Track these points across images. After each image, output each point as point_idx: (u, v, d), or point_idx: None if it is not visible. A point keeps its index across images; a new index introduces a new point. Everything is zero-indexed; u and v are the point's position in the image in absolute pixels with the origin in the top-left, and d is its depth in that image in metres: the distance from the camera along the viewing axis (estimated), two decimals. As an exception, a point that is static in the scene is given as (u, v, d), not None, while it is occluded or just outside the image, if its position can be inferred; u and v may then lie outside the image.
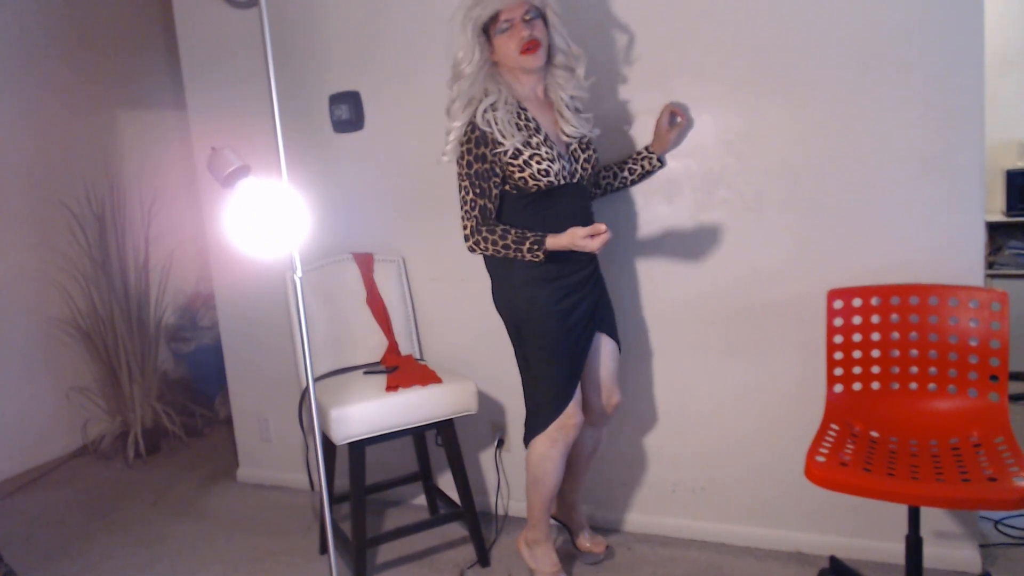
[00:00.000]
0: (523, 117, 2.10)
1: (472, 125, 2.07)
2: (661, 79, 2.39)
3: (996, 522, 2.47)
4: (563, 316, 2.12)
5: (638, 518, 2.65)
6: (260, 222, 2.00)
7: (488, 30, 2.07)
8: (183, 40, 3.17)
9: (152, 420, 3.81)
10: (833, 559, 2.33)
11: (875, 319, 2.16)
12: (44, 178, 3.80)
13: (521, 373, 2.26)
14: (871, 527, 2.33)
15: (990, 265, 3.80)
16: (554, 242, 2.04)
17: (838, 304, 2.18)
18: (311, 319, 2.59)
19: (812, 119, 2.25)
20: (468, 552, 2.61)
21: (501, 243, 2.07)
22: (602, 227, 1.97)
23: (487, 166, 2.07)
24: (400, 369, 2.61)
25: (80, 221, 3.79)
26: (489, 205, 2.10)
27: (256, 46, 2.86)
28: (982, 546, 2.30)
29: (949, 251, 2.16)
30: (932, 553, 2.22)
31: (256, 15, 2.18)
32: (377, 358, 2.75)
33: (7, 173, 3.67)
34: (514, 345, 2.24)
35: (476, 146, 2.07)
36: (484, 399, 2.79)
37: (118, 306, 3.75)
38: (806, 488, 2.26)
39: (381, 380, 2.52)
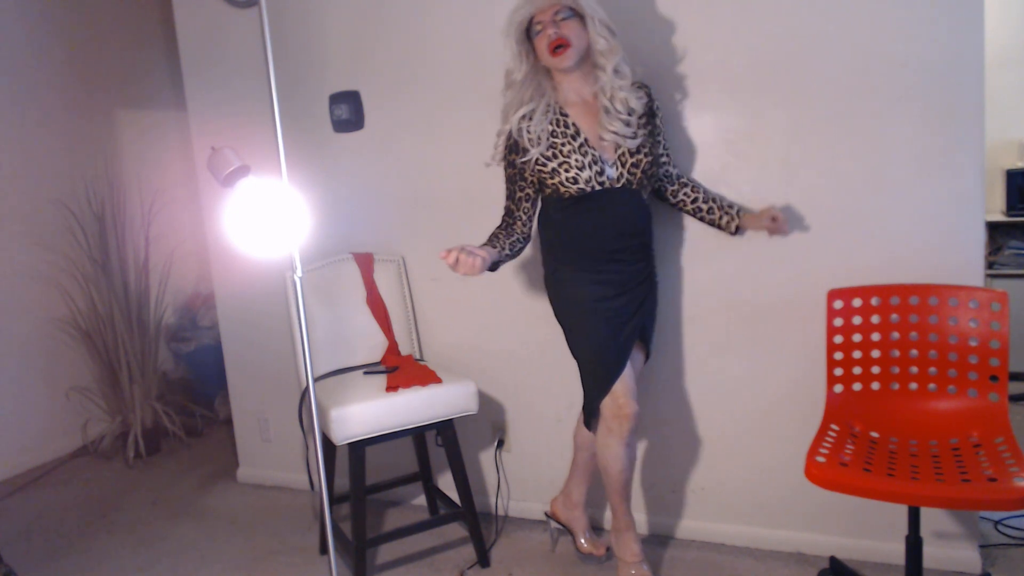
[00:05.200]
0: (562, 124, 2.14)
1: (509, 132, 2.18)
2: (660, 78, 2.39)
3: (996, 522, 2.47)
4: (598, 310, 2.17)
5: (638, 519, 2.64)
6: (260, 222, 2.00)
7: (529, 34, 2.13)
8: (183, 40, 3.17)
9: (152, 420, 3.81)
10: (833, 559, 2.33)
11: (875, 319, 2.16)
12: (44, 178, 3.80)
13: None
14: (871, 527, 2.33)
15: (990, 265, 3.80)
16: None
17: (838, 304, 2.18)
18: (311, 319, 2.59)
19: (812, 118, 2.25)
20: (468, 552, 2.60)
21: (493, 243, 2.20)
22: (450, 257, 1.96)
23: (515, 171, 2.20)
24: (400, 369, 2.61)
25: (80, 221, 3.79)
26: (512, 206, 2.24)
27: (256, 46, 2.86)
28: (982, 546, 2.30)
29: (949, 251, 2.16)
30: (932, 553, 2.22)
31: (256, 15, 2.18)
32: (377, 358, 2.75)
33: (7, 173, 3.67)
34: (563, 331, 2.30)
35: (509, 152, 2.20)
36: (484, 399, 2.79)
37: (118, 306, 3.75)
38: (806, 488, 2.26)
39: (381, 380, 2.52)
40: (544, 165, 2.14)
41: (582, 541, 2.50)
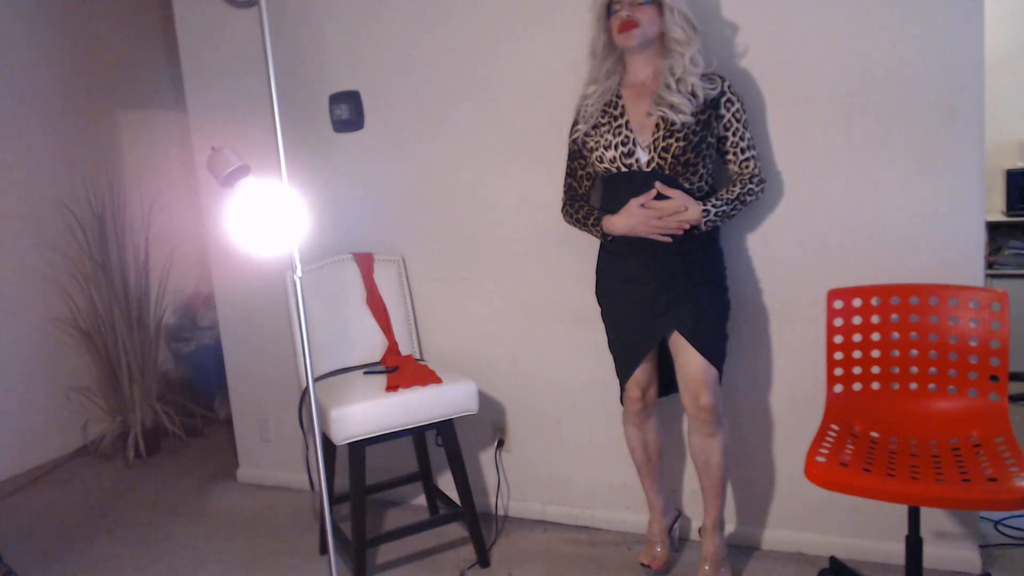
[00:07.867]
0: (612, 104, 2.19)
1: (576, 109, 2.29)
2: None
3: (996, 522, 2.47)
4: (620, 300, 2.24)
5: (638, 519, 2.64)
6: (260, 222, 2.00)
7: (610, 12, 2.15)
8: (183, 40, 3.17)
9: (152, 420, 3.81)
10: (833, 559, 2.33)
11: (875, 319, 2.16)
12: (44, 178, 3.80)
13: None
14: (871, 527, 2.33)
15: (990, 265, 3.80)
16: (609, 225, 2.18)
17: (838, 304, 2.18)
18: (311, 319, 2.59)
19: (812, 118, 2.25)
20: (468, 552, 2.60)
21: (576, 216, 2.30)
22: (655, 208, 2.10)
23: (575, 148, 2.31)
24: (400, 369, 2.61)
25: (80, 221, 3.79)
26: (574, 183, 2.35)
27: (256, 46, 2.87)
28: (982, 546, 2.30)
29: (949, 251, 2.17)
30: (932, 553, 2.22)
31: (256, 15, 2.18)
32: (377, 358, 2.75)
33: (7, 173, 3.67)
34: None
35: (571, 129, 2.30)
36: (484, 399, 2.79)
37: (118, 306, 3.75)
38: (806, 488, 2.26)
39: (381, 380, 2.52)
40: (586, 143, 2.22)
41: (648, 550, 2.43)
